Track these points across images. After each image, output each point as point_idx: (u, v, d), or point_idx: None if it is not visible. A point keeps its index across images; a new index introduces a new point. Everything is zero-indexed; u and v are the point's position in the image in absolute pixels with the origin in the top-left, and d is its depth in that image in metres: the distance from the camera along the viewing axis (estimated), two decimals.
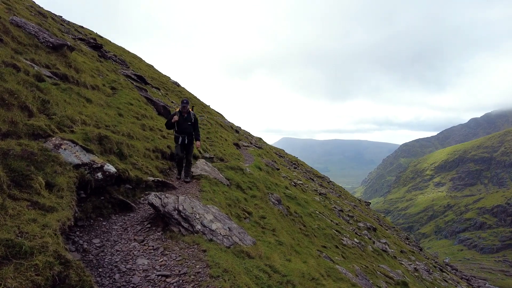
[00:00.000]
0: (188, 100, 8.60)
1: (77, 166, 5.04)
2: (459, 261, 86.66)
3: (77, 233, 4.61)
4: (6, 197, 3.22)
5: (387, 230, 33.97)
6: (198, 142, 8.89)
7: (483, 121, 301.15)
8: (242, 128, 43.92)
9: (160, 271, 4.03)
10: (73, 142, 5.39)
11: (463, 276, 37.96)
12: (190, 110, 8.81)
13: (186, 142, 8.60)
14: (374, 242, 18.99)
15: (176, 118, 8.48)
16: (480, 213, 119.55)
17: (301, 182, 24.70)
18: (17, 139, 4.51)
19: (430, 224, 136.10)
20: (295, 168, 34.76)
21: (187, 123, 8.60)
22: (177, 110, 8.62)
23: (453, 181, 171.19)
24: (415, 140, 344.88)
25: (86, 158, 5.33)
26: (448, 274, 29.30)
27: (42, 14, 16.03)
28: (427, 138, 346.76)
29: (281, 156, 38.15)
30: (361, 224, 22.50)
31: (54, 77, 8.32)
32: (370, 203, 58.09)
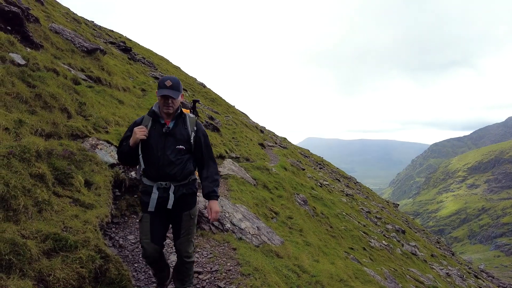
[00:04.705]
0: (177, 80, 2.80)
1: (112, 166, 5.26)
2: (496, 268, 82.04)
3: (113, 229, 4.81)
4: (51, 194, 3.42)
5: (416, 233, 32.79)
6: (214, 203, 3.10)
7: None
8: (266, 128, 43.92)
9: None
10: (108, 142, 5.63)
11: (501, 284, 35.93)
12: (186, 111, 3.49)
13: (171, 203, 2.92)
14: (403, 245, 18.40)
15: (142, 133, 2.77)
16: None
17: (327, 182, 24.37)
18: (59, 140, 4.77)
19: (463, 228, 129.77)
20: (320, 168, 34.33)
21: (175, 146, 2.85)
22: (150, 111, 2.91)
23: (489, 183, 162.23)
24: (446, 140, 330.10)
25: None
26: (484, 281, 27.85)
27: (76, 20, 16.84)
28: (459, 138, 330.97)
29: (306, 156, 37.81)
30: (389, 226, 21.87)
31: (89, 80, 8.73)
32: (399, 204, 56.37)
